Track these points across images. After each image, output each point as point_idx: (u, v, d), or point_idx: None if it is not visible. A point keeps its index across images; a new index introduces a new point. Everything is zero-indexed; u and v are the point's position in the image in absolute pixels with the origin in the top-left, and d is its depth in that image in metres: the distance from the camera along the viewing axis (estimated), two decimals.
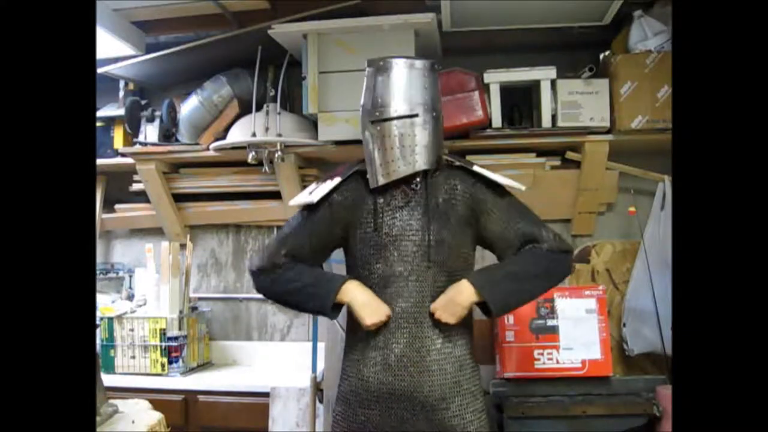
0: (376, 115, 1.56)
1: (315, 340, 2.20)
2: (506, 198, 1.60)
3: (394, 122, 1.54)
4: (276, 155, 2.28)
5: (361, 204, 1.60)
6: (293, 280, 1.56)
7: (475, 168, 1.60)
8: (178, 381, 2.34)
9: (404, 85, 1.56)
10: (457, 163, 1.64)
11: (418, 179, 1.58)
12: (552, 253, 1.54)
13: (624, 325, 2.23)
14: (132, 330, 2.41)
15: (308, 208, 1.61)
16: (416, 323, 1.52)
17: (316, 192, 1.60)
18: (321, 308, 1.55)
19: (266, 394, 2.21)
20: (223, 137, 2.42)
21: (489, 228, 1.59)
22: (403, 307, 1.53)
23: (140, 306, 2.50)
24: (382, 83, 1.57)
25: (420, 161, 1.55)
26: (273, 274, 1.57)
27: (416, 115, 1.55)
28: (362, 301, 1.52)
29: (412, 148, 1.55)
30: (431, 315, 1.52)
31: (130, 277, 2.74)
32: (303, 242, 1.60)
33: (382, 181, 1.57)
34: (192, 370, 2.47)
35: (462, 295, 1.50)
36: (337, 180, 1.61)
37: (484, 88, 2.23)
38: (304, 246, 1.60)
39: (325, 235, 1.62)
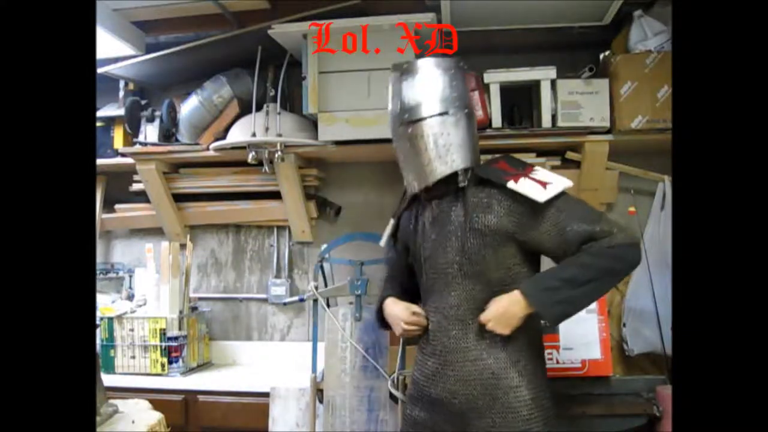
0: (405, 117, 1.52)
1: (315, 341, 2.20)
2: (550, 207, 1.47)
3: (426, 121, 1.51)
4: (276, 155, 2.28)
5: (410, 225, 1.67)
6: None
7: (510, 185, 1.49)
8: (178, 381, 2.34)
9: (432, 84, 1.53)
10: (489, 178, 1.54)
11: (459, 183, 1.52)
12: (614, 249, 1.41)
13: (624, 325, 2.23)
14: (132, 330, 2.41)
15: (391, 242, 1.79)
16: (448, 336, 1.52)
17: (386, 232, 1.79)
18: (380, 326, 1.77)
19: (266, 394, 2.21)
20: (223, 137, 2.42)
21: (539, 240, 1.48)
22: (439, 319, 1.54)
23: (140, 306, 2.50)
24: (408, 86, 1.54)
25: (458, 160, 1.52)
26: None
27: (447, 113, 1.51)
28: (388, 314, 1.68)
29: (447, 147, 1.50)
30: (480, 325, 1.48)
31: (130, 277, 2.74)
32: (396, 274, 1.78)
33: (420, 185, 1.56)
34: (192, 370, 2.47)
35: (516, 306, 1.43)
36: (392, 221, 1.77)
37: (484, 88, 2.23)
38: (403, 277, 1.75)
39: (404, 264, 1.73)
